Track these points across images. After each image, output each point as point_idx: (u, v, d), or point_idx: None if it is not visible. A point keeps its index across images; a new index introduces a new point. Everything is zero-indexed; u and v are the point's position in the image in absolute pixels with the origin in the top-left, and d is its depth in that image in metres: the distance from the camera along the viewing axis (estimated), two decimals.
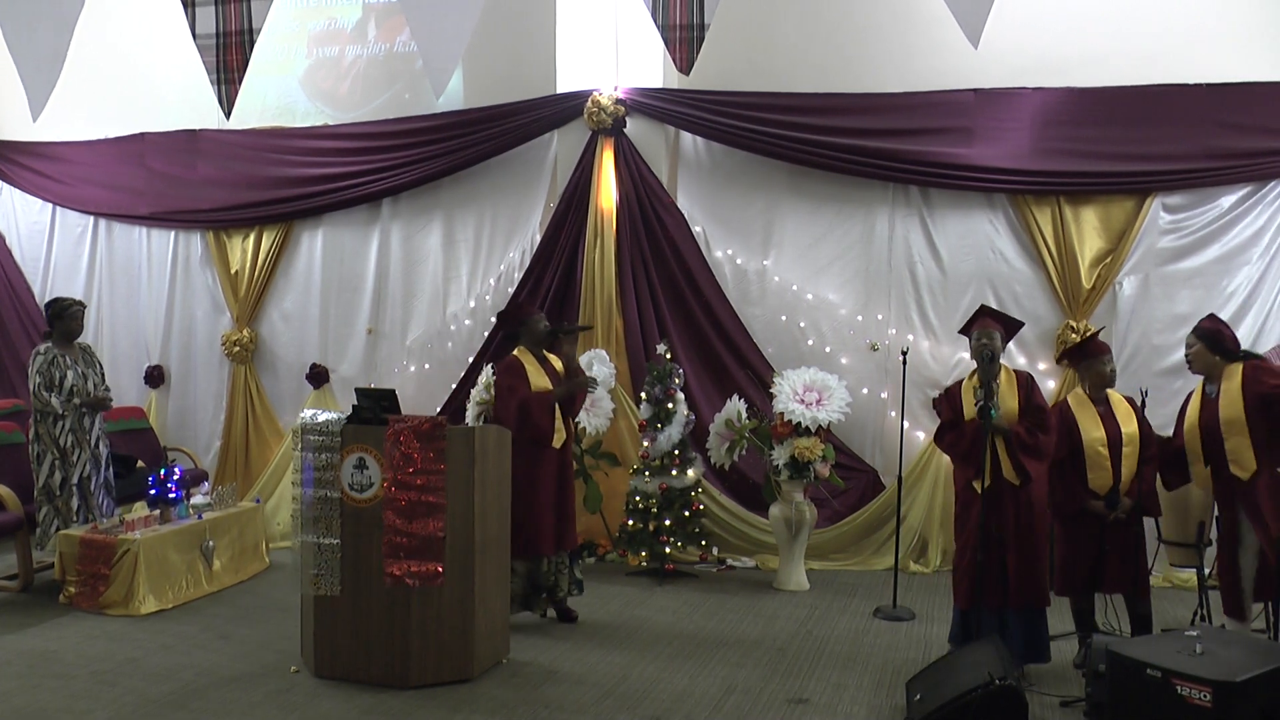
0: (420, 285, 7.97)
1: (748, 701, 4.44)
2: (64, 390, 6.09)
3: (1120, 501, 4.72)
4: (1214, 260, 6.63)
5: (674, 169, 7.46)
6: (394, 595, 4.53)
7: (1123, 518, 4.71)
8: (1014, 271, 6.92)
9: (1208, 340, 4.75)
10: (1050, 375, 6.85)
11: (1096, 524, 4.76)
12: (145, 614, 5.60)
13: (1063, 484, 4.83)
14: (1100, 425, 4.80)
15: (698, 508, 6.71)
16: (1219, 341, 4.74)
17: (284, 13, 8.23)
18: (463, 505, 4.57)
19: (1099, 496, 4.75)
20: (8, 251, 9.05)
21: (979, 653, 4.18)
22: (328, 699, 4.41)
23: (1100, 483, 4.76)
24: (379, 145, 7.91)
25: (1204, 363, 4.76)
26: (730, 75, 7.14)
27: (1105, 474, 4.75)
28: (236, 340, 8.31)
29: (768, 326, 7.25)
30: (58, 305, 6.29)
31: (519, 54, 7.64)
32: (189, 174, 8.38)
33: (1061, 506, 4.85)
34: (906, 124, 6.90)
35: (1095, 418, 4.82)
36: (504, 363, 5.55)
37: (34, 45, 4.90)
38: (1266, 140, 6.46)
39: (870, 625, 5.63)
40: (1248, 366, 4.66)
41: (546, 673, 4.77)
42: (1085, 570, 4.79)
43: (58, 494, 6.10)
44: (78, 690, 4.50)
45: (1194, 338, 4.80)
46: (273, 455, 8.18)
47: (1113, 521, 4.71)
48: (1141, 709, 3.66)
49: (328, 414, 4.80)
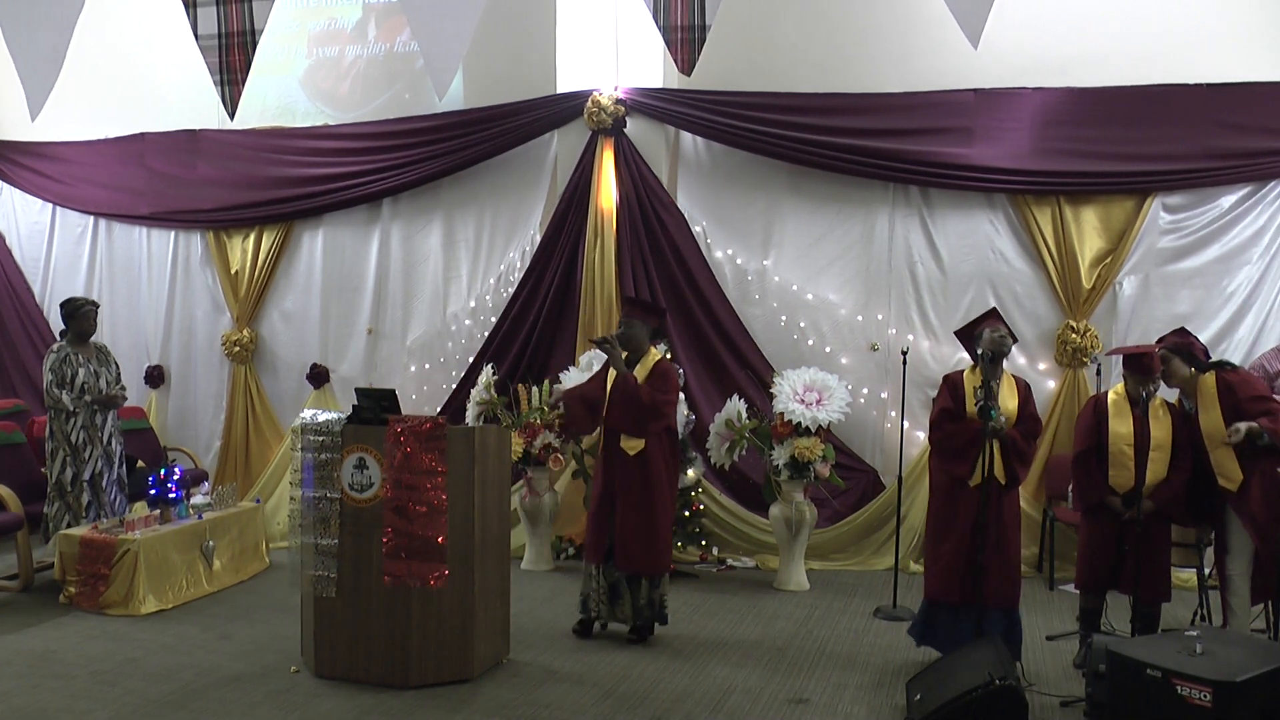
0: (420, 285, 7.98)
1: (748, 701, 4.44)
2: (75, 388, 6.16)
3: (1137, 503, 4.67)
4: (1214, 260, 6.63)
5: (674, 169, 7.46)
6: (394, 595, 4.53)
7: (1138, 519, 4.67)
8: (1014, 271, 6.92)
9: (1182, 355, 4.78)
10: (1050, 375, 6.85)
11: (1116, 523, 4.77)
12: (145, 614, 5.60)
13: (1085, 475, 4.87)
14: (1130, 425, 4.79)
15: (698, 508, 6.72)
16: (1191, 355, 4.78)
17: (284, 13, 8.24)
18: (463, 505, 4.57)
19: (1117, 494, 4.78)
20: (8, 251, 9.06)
21: (979, 653, 4.19)
22: (328, 699, 4.41)
23: (1120, 481, 4.78)
24: (379, 145, 7.91)
25: (1180, 377, 4.80)
26: (731, 75, 7.14)
27: (1126, 473, 4.76)
28: (236, 340, 8.31)
29: (768, 326, 7.25)
30: (71, 305, 6.41)
31: (519, 54, 7.64)
32: (189, 174, 8.39)
33: (1083, 497, 4.88)
34: (906, 124, 6.90)
35: (1127, 418, 4.82)
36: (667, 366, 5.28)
37: (33, 45, 4.90)
38: (1266, 140, 6.46)
39: (870, 625, 5.63)
40: (1220, 379, 4.71)
41: (546, 673, 4.77)
42: (1104, 568, 4.80)
43: (69, 490, 6.19)
44: (78, 690, 4.49)
45: (1168, 353, 4.80)
46: (273, 455, 8.18)
47: (1128, 521, 4.70)
48: (1141, 709, 3.66)
49: (328, 414, 4.80)
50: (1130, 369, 4.91)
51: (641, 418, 5.00)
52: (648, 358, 5.18)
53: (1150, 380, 4.84)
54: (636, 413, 5.00)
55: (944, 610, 4.79)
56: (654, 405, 5.00)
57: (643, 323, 5.20)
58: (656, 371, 5.12)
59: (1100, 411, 4.91)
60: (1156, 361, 4.85)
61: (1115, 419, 4.84)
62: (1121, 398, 4.90)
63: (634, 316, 5.22)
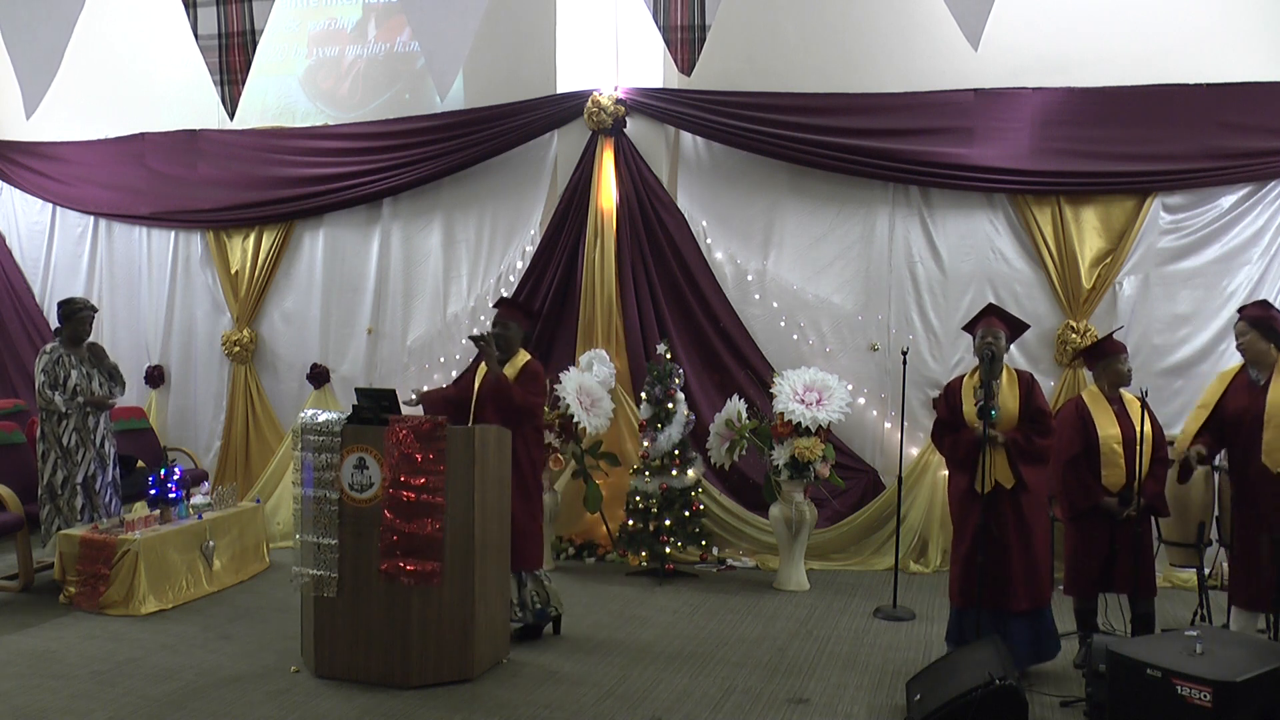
0: (421, 285, 7.98)
1: (748, 701, 4.43)
2: (67, 390, 6.13)
3: (1134, 499, 4.69)
4: (1214, 260, 6.63)
5: (674, 169, 7.46)
6: (394, 595, 4.53)
7: (1134, 516, 4.68)
8: (1014, 271, 6.92)
9: (1261, 328, 4.68)
10: (1050, 375, 6.85)
11: (1106, 523, 4.75)
12: (145, 614, 5.60)
13: (1077, 481, 4.79)
14: (1115, 423, 4.79)
15: (698, 508, 6.72)
16: (1271, 328, 4.68)
17: (284, 13, 8.24)
18: (462, 505, 4.57)
19: (1112, 494, 4.75)
20: (8, 251, 9.06)
21: (979, 653, 4.18)
22: (328, 699, 4.41)
23: (1113, 480, 4.76)
24: (379, 145, 7.91)
25: (1255, 350, 4.69)
26: (731, 75, 7.14)
27: (1119, 471, 4.74)
28: (237, 340, 8.31)
29: (768, 326, 7.25)
30: (69, 306, 6.37)
31: (519, 54, 7.65)
32: (189, 174, 8.39)
33: (1075, 504, 4.81)
34: (906, 124, 6.90)
35: (1110, 415, 4.82)
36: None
37: (33, 44, 4.90)
38: (1266, 140, 6.46)
39: (870, 625, 5.63)
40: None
41: (547, 673, 4.77)
42: (1095, 570, 4.78)
43: (59, 493, 6.16)
44: (78, 690, 4.49)
45: (1246, 325, 4.72)
46: (273, 455, 8.18)
47: (1123, 520, 4.70)
48: (1141, 709, 3.66)
49: (328, 414, 4.79)
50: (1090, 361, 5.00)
51: (513, 417, 5.07)
52: (517, 358, 5.27)
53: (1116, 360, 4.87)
54: (507, 412, 5.07)
55: (969, 615, 4.71)
56: (526, 405, 5.11)
57: (518, 324, 5.32)
58: (527, 372, 5.22)
59: (1083, 414, 4.86)
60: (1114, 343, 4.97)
61: (1101, 419, 4.81)
62: (1098, 396, 4.89)
63: (511, 318, 5.31)
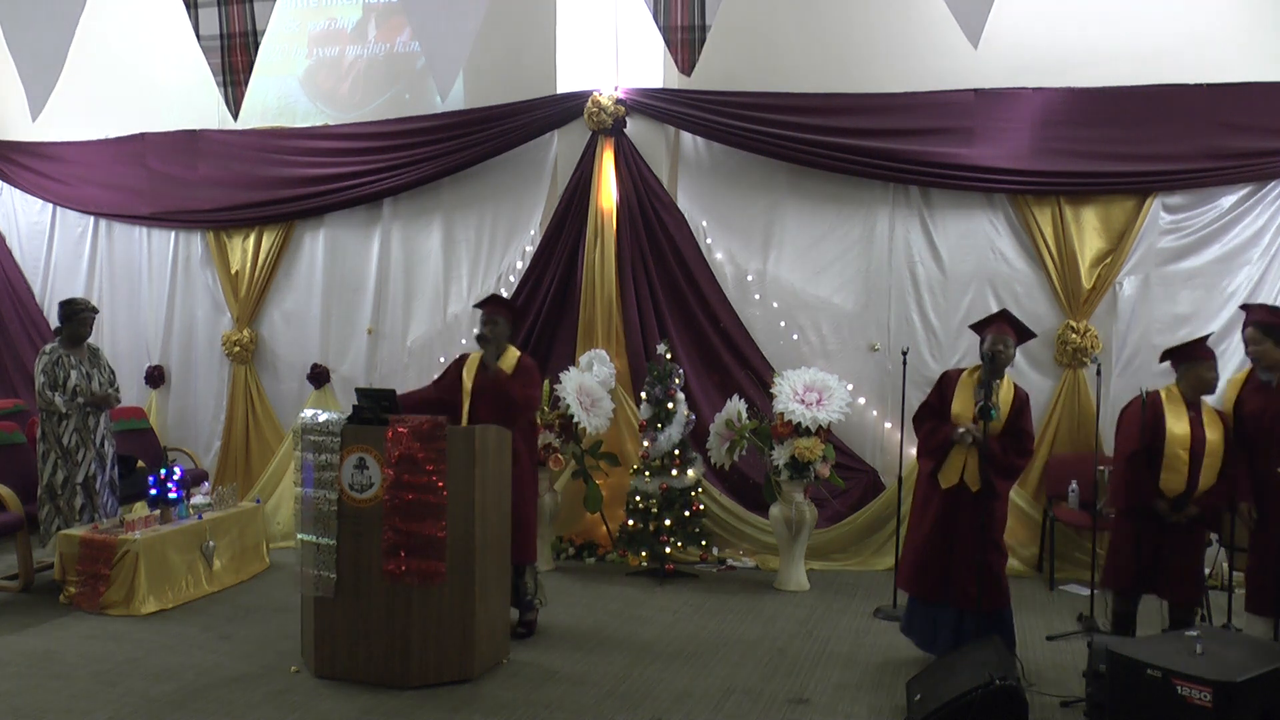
0: (421, 285, 7.98)
1: (748, 701, 4.44)
2: (67, 390, 6.13)
3: (1186, 507, 4.61)
4: (1214, 260, 6.63)
5: (674, 169, 7.46)
6: (394, 596, 4.53)
7: (1182, 523, 4.61)
8: (1014, 271, 6.92)
9: (1275, 336, 4.63)
10: (1050, 376, 6.85)
11: (1155, 526, 4.65)
12: (146, 614, 5.60)
13: (1132, 478, 4.67)
14: (1186, 428, 4.65)
15: (698, 508, 6.72)
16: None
17: (284, 13, 8.24)
18: (463, 505, 4.57)
19: (1165, 498, 4.65)
20: (8, 251, 9.06)
21: (979, 653, 4.19)
22: (328, 699, 4.41)
23: (1171, 485, 4.64)
24: (379, 145, 7.91)
25: (1272, 358, 4.65)
26: (730, 75, 7.14)
27: (1179, 477, 4.63)
28: (237, 340, 8.31)
29: (768, 326, 7.25)
30: (70, 307, 6.36)
31: (519, 54, 7.64)
32: (189, 174, 8.39)
33: (1129, 498, 4.69)
34: (906, 124, 6.90)
35: (1185, 419, 4.67)
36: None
37: (34, 45, 4.90)
38: (1266, 140, 6.46)
39: (870, 625, 5.63)
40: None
41: (547, 673, 4.77)
42: (1134, 569, 4.65)
43: (59, 493, 6.16)
44: (78, 690, 4.50)
45: (1260, 334, 4.66)
46: (273, 455, 8.17)
47: (1170, 525, 4.63)
48: (1141, 709, 3.66)
49: (328, 414, 4.80)
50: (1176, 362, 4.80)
51: (511, 413, 5.09)
52: (509, 354, 5.29)
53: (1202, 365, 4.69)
54: (506, 408, 5.08)
55: (919, 604, 4.83)
56: (526, 400, 5.16)
57: (505, 320, 5.33)
58: (523, 367, 5.25)
59: (1157, 410, 4.71)
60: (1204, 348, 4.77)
61: (1172, 421, 4.66)
62: (1176, 398, 4.74)
63: (499, 315, 5.31)
